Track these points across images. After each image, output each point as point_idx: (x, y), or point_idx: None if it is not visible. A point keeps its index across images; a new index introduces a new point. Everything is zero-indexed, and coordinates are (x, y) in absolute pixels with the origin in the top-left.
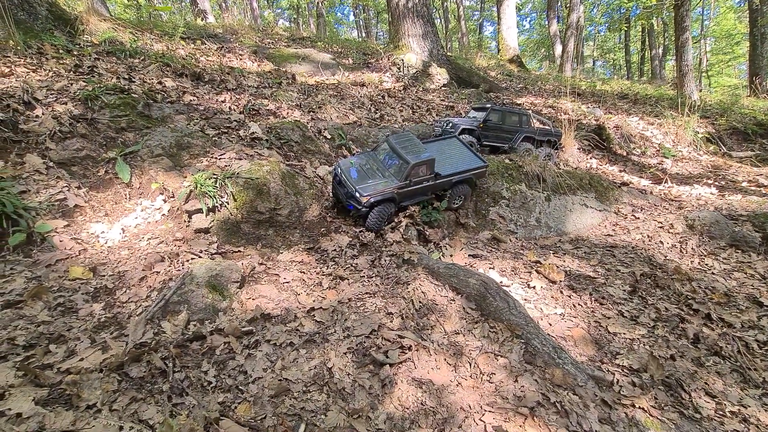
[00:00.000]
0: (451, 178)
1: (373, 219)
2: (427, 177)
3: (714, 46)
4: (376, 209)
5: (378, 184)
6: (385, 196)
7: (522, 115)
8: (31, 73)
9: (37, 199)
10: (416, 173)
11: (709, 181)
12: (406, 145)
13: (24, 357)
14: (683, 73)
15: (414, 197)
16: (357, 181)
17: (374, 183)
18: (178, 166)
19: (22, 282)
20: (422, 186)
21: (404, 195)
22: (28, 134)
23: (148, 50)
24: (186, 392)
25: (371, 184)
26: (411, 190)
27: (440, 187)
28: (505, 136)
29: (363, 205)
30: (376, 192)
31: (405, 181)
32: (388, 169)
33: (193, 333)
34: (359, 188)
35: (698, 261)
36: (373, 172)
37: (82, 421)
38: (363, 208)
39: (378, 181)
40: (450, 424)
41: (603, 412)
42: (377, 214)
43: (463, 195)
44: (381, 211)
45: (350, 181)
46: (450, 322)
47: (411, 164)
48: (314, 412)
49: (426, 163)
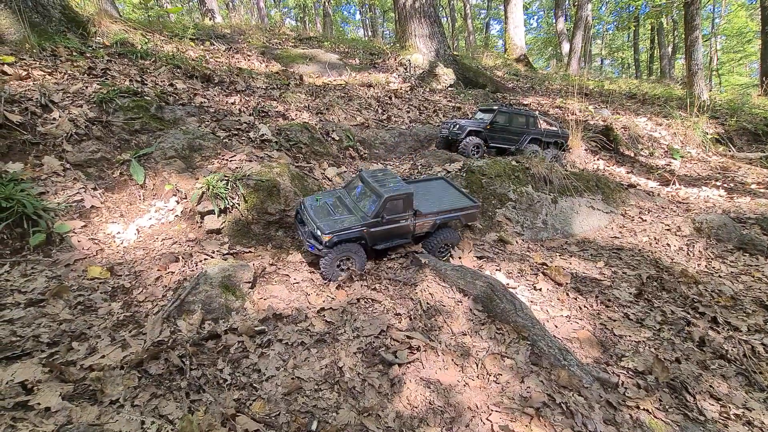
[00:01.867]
0: (433, 218)
1: (327, 263)
2: (403, 215)
3: (725, 44)
4: (334, 251)
5: (344, 220)
6: (352, 234)
7: (529, 117)
8: (47, 76)
9: (55, 200)
10: (391, 209)
11: (718, 183)
12: (381, 179)
13: (48, 354)
14: (693, 72)
15: (389, 239)
16: (320, 218)
17: (339, 219)
18: (191, 167)
19: (44, 281)
20: (399, 226)
21: (376, 236)
22: (45, 136)
23: (159, 52)
24: (203, 389)
25: (335, 220)
26: (384, 231)
27: (421, 228)
28: (512, 138)
29: (324, 244)
30: (340, 229)
31: (376, 218)
32: (358, 204)
33: (208, 332)
34: (321, 224)
35: (705, 264)
36: (341, 208)
37: (107, 416)
38: (324, 248)
39: (344, 217)
40: (458, 424)
41: (608, 414)
42: (332, 258)
43: (450, 243)
44: (342, 252)
45: (312, 218)
46: (457, 324)
47: (384, 198)
48: (326, 410)
49: (402, 198)
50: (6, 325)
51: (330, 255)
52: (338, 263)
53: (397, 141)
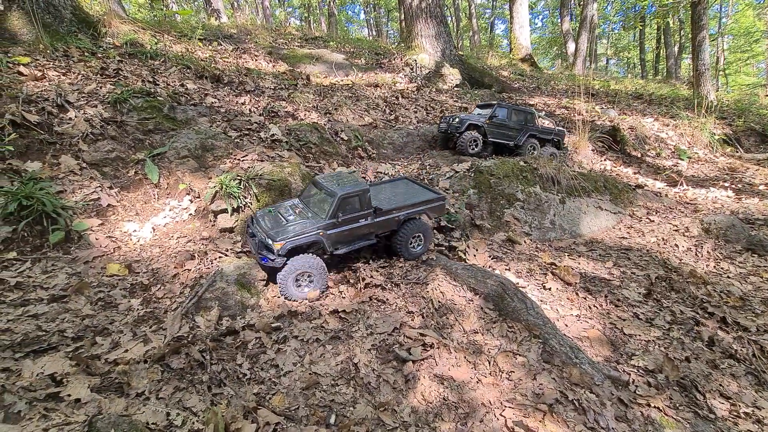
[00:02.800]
0: (396, 214)
1: (283, 278)
2: (363, 213)
3: (732, 44)
4: (289, 264)
5: (296, 225)
6: (307, 239)
7: (527, 114)
8: (61, 76)
9: (73, 198)
10: (347, 208)
11: (726, 183)
12: (336, 180)
13: (74, 348)
14: (700, 73)
15: (351, 242)
16: (271, 226)
17: (292, 225)
18: (203, 167)
19: (64, 277)
20: (359, 226)
21: (336, 239)
22: (62, 136)
23: (168, 52)
24: (224, 383)
25: (287, 227)
26: (344, 232)
27: (384, 227)
28: (511, 134)
29: (277, 253)
30: (293, 235)
31: (332, 219)
32: (312, 209)
33: (226, 328)
34: (272, 233)
35: (714, 265)
36: (294, 216)
37: (134, 407)
38: (277, 258)
39: (297, 222)
40: (472, 419)
41: (619, 411)
42: (288, 273)
43: (421, 233)
44: (298, 266)
45: (262, 228)
46: (469, 322)
47: (338, 196)
48: (343, 405)
49: (358, 195)
50: (31, 320)
51: (285, 269)
52: (296, 279)
53: (405, 141)
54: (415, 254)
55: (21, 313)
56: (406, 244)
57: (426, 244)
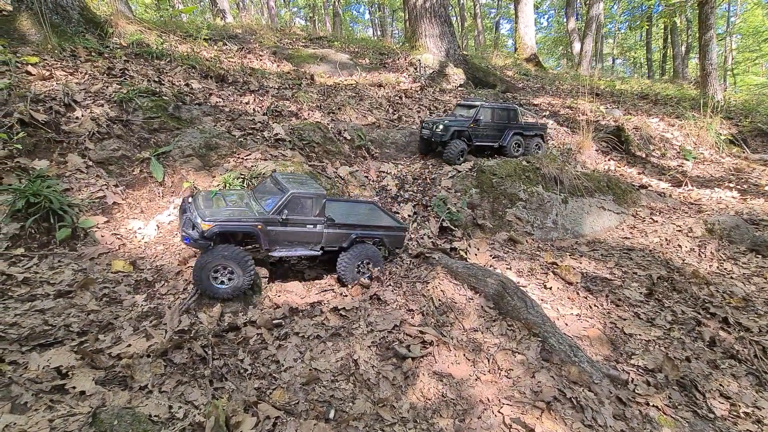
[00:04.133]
0: (349, 231)
1: (198, 267)
2: (312, 219)
3: (740, 43)
4: (212, 252)
5: (235, 210)
6: (241, 227)
7: (510, 110)
8: (69, 76)
9: (79, 196)
10: (296, 208)
11: (731, 184)
12: (296, 181)
13: (79, 342)
14: (707, 73)
15: (291, 245)
16: (206, 205)
17: (230, 209)
18: (208, 166)
19: (70, 273)
20: (304, 231)
21: (275, 237)
22: (69, 135)
23: (174, 52)
24: (225, 378)
25: (223, 209)
26: (285, 233)
27: (333, 240)
28: (495, 134)
29: (202, 234)
30: (226, 219)
31: (276, 214)
32: (259, 201)
33: (228, 324)
34: (201, 212)
35: (717, 265)
36: (238, 202)
37: (137, 400)
38: (199, 240)
39: (237, 208)
40: (470, 415)
41: (617, 409)
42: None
43: (370, 259)
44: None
45: (196, 204)
46: (469, 320)
47: (289, 193)
48: (342, 400)
49: (312, 198)
50: (38, 315)
51: (204, 256)
52: (214, 273)
53: (408, 140)
54: (354, 281)
55: (28, 307)
56: (352, 266)
57: (376, 269)
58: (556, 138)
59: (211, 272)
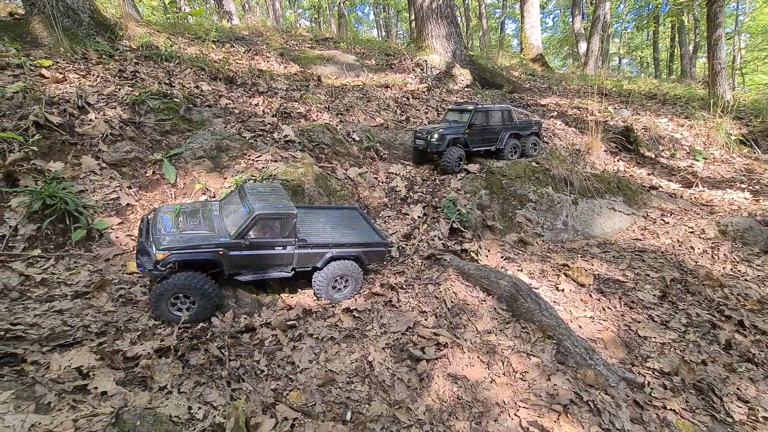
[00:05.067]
0: (323, 250)
1: (155, 297)
2: (281, 241)
3: (749, 42)
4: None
5: (194, 236)
6: (199, 255)
7: (504, 111)
8: (81, 79)
9: (93, 197)
10: (263, 231)
11: (743, 185)
12: (263, 194)
13: (98, 343)
14: (716, 72)
15: (257, 269)
16: (163, 230)
17: (188, 234)
18: (219, 167)
19: (87, 274)
20: (272, 254)
21: (239, 262)
22: (83, 137)
23: (182, 54)
24: (242, 379)
25: (181, 234)
26: (249, 257)
27: (305, 262)
28: (491, 137)
29: (158, 264)
30: (183, 246)
31: (239, 239)
32: (224, 220)
33: (244, 325)
34: (157, 238)
35: (731, 267)
36: (200, 223)
37: (157, 401)
38: (153, 270)
39: (196, 232)
40: (486, 418)
41: (635, 413)
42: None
43: (348, 277)
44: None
45: (152, 229)
46: (482, 322)
47: (255, 214)
48: (359, 402)
49: (281, 219)
50: (57, 315)
51: (159, 287)
52: (171, 300)
53: None
54: (338, 298)
55: (47, 308)
56: (328, 285)
57: (354, 288)
58: (565, 138)
59: (169, 301)
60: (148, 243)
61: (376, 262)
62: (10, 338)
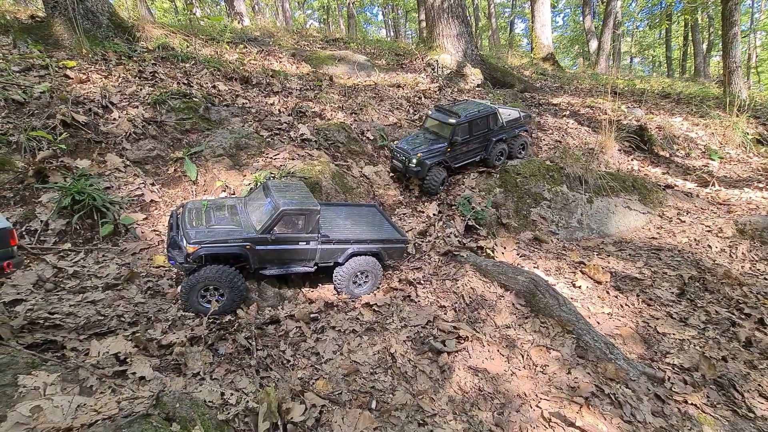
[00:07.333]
0: (345, 246)
1: (185, 289)
2: (305, 236)
3: (765, 40)
4: (199, 274)
5: (223, 231)
6: (228, 249)
7: (489, 115)
8: (104, 79)
9: (119, 194)
10: (287, 226)
11: (761, 184)
12: (289, 191)
13: (131, 332)
14: (731, 71)
15: (282, 264)
16: (193, 224)
17: (217, 229)
18: (238, 165)
19: (115, 267)
20: (296, 248)
21: (265, 256)
22: (107, 135)
23: (198, 55)
24: (270, 368)
25: (211, 229)
26: (274, 251)
27: (328, 257)
28: (477, 147)
29: (189, 257)
30: (213, 240)
31: (265, 233)
32: (250, 216)
33: (270, 317)
34: (189, 230)
35: (750, 266)
36: (227, 218)
37: (191, 386)
38: (184, 263)
39: (225, 227)
40: (508, 408)
41: (656, 406)
42: (191, 284)
43: (368, 272)
44: (208, 278)
45: (183, 223)
46: (500, 317)
47: (280, 210)
48: (383, 392)
49: (305, 214)
50: (90, 306)
51: (190, 279)
52: (201, 292)
53: None
54: (358, 293)
55: (81, 299)
56: (349, 280)
57: (373, 283)
58: (578, 138)
59: (199, 293)
60: (179, 237)
61: (396, 258)
62: (49, 326)
